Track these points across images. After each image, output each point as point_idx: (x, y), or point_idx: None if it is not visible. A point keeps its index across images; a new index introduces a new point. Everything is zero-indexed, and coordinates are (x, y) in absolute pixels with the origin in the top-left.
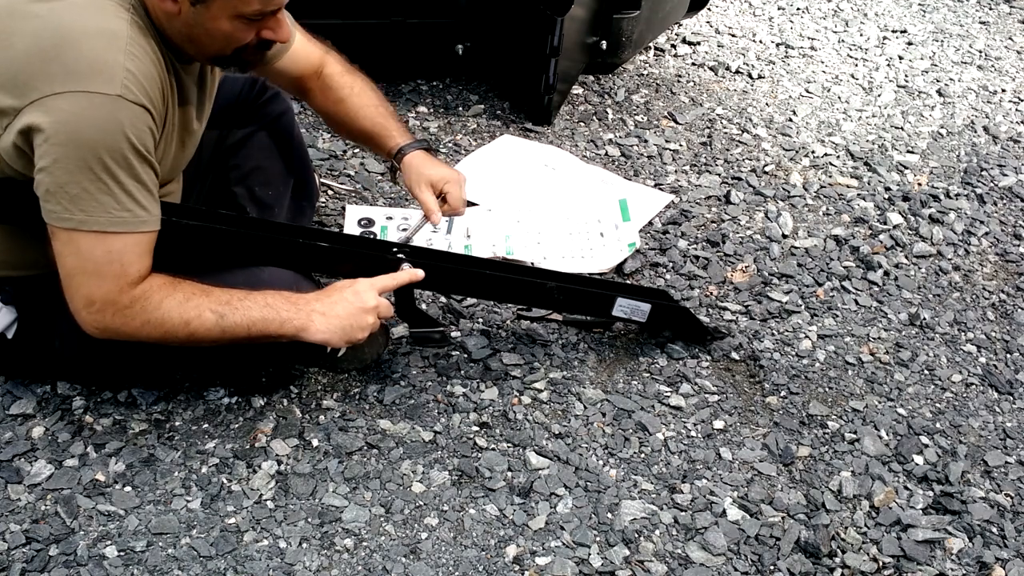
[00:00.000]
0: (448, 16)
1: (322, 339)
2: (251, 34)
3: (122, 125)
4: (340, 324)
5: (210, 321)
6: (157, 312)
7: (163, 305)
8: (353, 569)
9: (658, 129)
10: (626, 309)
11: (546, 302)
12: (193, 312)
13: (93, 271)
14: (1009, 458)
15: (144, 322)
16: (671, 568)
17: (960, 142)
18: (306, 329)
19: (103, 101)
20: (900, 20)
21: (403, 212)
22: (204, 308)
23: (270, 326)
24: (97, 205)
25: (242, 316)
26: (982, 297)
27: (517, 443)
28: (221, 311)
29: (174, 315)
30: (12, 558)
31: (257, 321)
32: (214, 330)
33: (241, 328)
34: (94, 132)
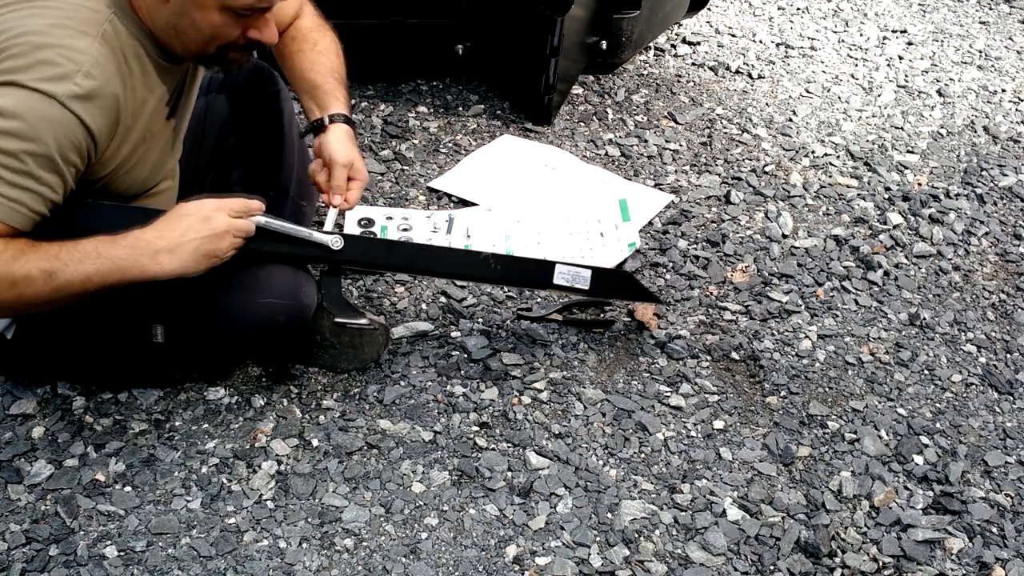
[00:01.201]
0: (448, 16)
1: (175, 275)
2: (238, 31)
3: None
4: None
5: (38, 281)
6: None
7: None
8: (353, 569)
9: (658, 129)
10: (567, 276)
11: (483, 274)
12: (20, 272)
13: None
14: (1009, 458)
15: None
16: (671, 568)
17: (960, 142)
18: (150, 270)
19: (40, 98)
20: (900, 20)
21: (403, 212)
22: (32, 266)
23: (109, 277)
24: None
25: (74, 272)
26: (982, 297)
27: (517, 443)
28: (50, 269)
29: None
30: (12, 558)
31: (92, 275)
32: (44, 290)
33: (76, 285)
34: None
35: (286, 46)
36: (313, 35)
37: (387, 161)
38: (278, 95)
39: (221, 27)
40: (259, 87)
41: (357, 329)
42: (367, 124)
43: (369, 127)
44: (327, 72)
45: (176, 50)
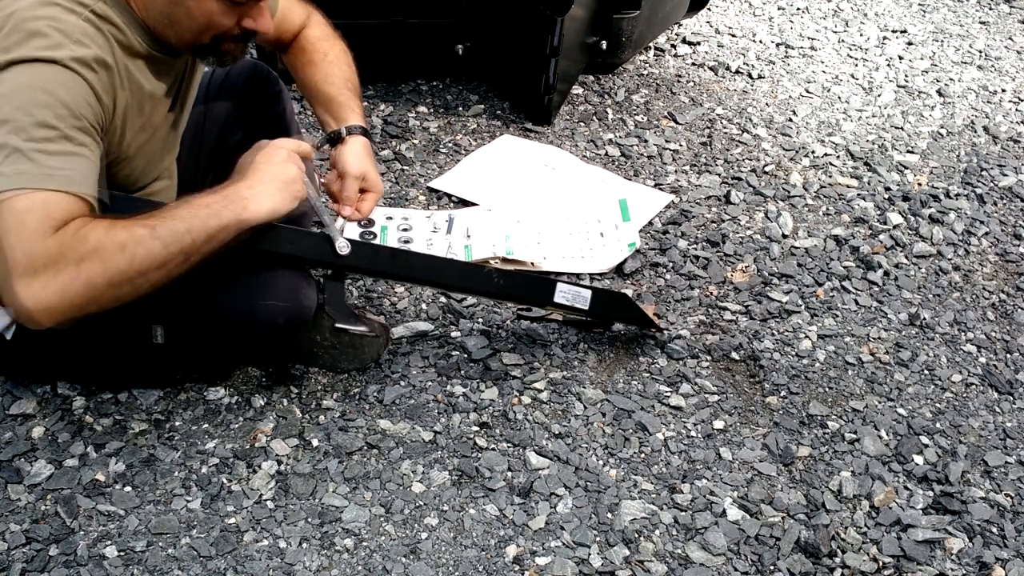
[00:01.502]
0: (448, 16)
1: (268, 213)
2: (232, 21)
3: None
4: (277, 188)
5: (145, 237)
6: (87, 245)
7: (90, 237)
8: (353, 569)
9: (658, 129)
10: (568, 295)
11: (487, 288)
12: (124, 233)
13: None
14: (1009, 458)
15: (78, 260)
16: (671, 568)
17: (960, 142)
18: (245, 210)
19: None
20: (900, 20)
21: (403, 212)
22: (133, 226)
23: (208, 222)
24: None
25: (175, 222)
26: (982, 297)
27: (517, 443)
28: (151, 223)
29: (105, 242)
30: (12, 558)
31: (192, 221)
32: (154, 246)
33: (180, 233)
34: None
35: (296, 57)
36: (323, 45)
37: (387, 161)
38: (278, 95)
39: (216, 16)
40: (259, 88)
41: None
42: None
43: (369, 127)
44: (341, 83)
45: (170, 40)
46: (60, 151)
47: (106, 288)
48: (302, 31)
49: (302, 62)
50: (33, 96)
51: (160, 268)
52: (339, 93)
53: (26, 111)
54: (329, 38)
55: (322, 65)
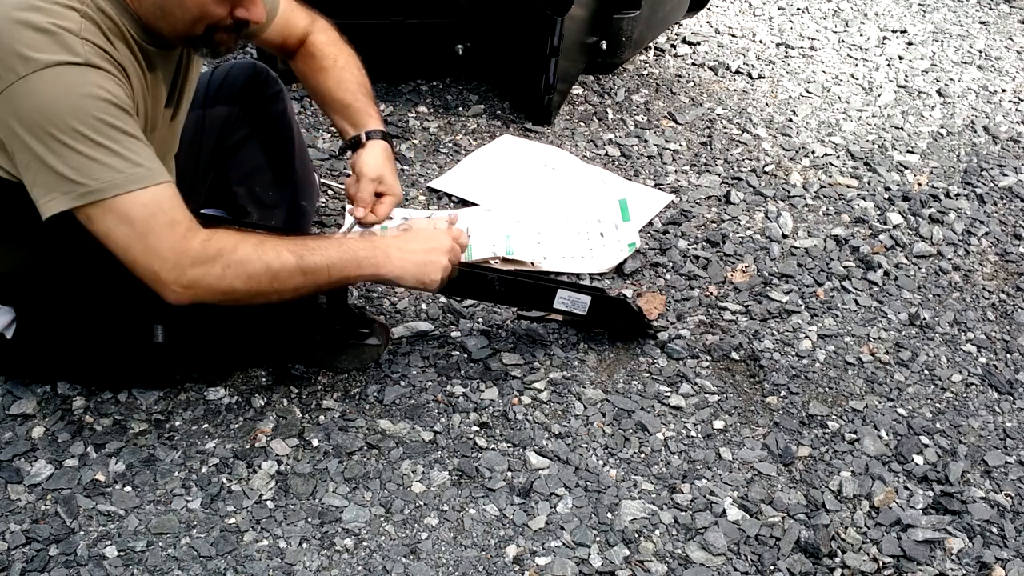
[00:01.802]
0: (448, 16)
1: (396, 276)
2: (225, 10)
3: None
4: (415, 261)
5: (291, 262)
6: (235, 255)
7: (239, 249)
8: (353, 569)
9: (658, 129)
10: (567, 301)
11: (488, 294)
12: (272, 253)
13: (145, 231)
14: (1009, 458)
15: (225, 267)
16: (671, 568)
17: (960, 142)
18: (384, 266)
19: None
20: (900, 20)
21: (403, 212)
22: (282, 249)
23: (348, 266)
24: (106, 168)
25: (321, 256)
26: (982, 297)
27: (517, 443)
28: (299, 252)
29: (253, 257)
30: (12, 558)
31: (336, 262)
32: (296, 273)
33: (322, 270)
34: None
35: (306, 64)
36: (331, 51)
37: None
38: (278, 95)
39: (208, 6)
40: (259, 88)
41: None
42: None
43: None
44: (355, 89)
45: (164, 32)
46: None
47: (244, 294)
48: (308, 36)
49: (312, 69)
50: (80, 101)
51: (295, 291)
52: (354, 99)
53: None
54: (336, 43)
55: (333, 71)
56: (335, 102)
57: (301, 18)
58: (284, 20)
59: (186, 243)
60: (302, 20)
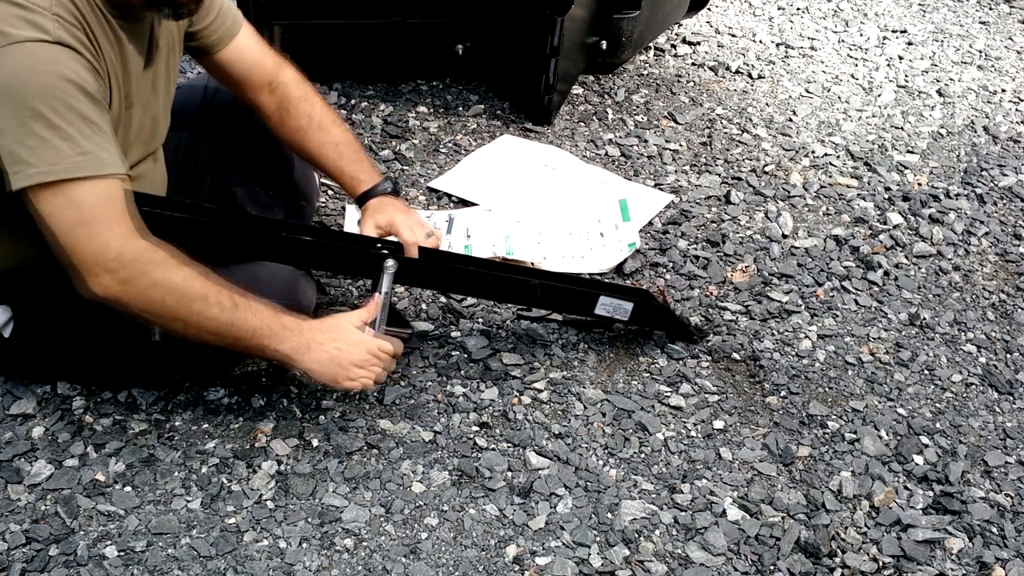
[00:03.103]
0: (448, 16)
1: (306, 369)
2: None
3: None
4: (334, 361)
5: (226, 305)
6: (177, 274)
7: (183, 270)
8: (353, 569)
9: (658, 129)
10: (609, 307)
11: (529, 299)
12: (212, 291)
13: (91, 218)
14: (1009, 458)
15: (157, 281)
16: (671, 568)
17: (960, 142)
18: (299, 354)
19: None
20: (900, 20)
21: None
22: (223, 293)
23: (269, 339)
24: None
25: (252, 316)
26: (982, 297)
27: (517, 443)
28: (236, 302)
29: (195, 284)
30: (12, 558)
31: (260, 327)
32: (223, 318)
33: (246, 330)
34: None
35: (283, 121)
36: (304, 107)
37: (387, 161)
38: None
39: None
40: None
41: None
42: (367, 124)
43: (369, 127)
44: (335, 154)
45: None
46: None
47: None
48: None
49: (291, 128)
50: (43, 80)
51: (211, 335)
52: (347, 165)
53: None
54: (307, 98)
55: (310, 132)
56: (323, 167)
57: (268, 57)
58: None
59: (133, 241)
60: (269, 60)
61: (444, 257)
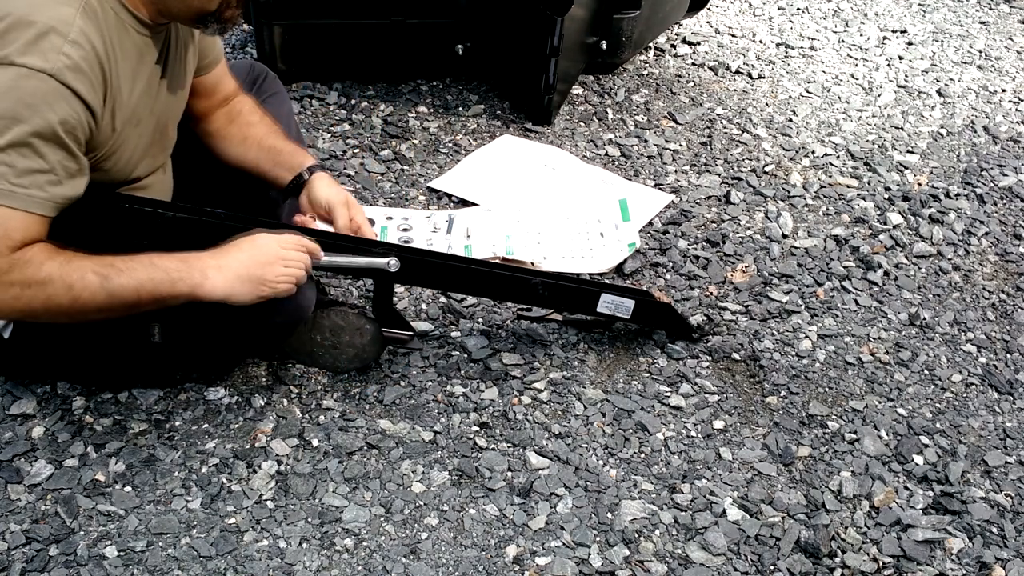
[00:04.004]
0: (448, 16)
1: (223, 295)
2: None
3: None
4: (241, 276)
5: (94, 284)
6: (39, 274)
7: (44, 267)
8: (353, 569)
9: (658, 129)
10: (611, 305)
11: (531, 298)
12: (76, 275)
13: None
14: (1009, 458)
15: (24, 285)
16: (671, 568)
17: (960, 142)
18: (201, 286)
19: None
20: (900, 20)
21: (403, 212)
22: (87, 270)
23: (160, 287)
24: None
25: (128, 278)
26: (982, 297)
27: (517, 443)
28: (104, 273)
29: (55, 277)
30: (12, 558)
31: (145, 282)
32: (99, 294)
33: (129, 290)
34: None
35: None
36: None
37: (387, 161)
38: (277, 94)
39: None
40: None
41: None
42: (367, 124)
43: (369, 127)
44: (283, 137)
45: (172, 10)
46: (31, 168)
47: (43, 313)
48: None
49: (239, 124)
50: (14, 107)
51: (100, 312)
52: (284, 145)
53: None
54: (258, 110)
55: (259, 126)
56: (264, 150)
57: (232, 81)
58: (222, 74)
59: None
60: (232, 84)
61: (444, 258)
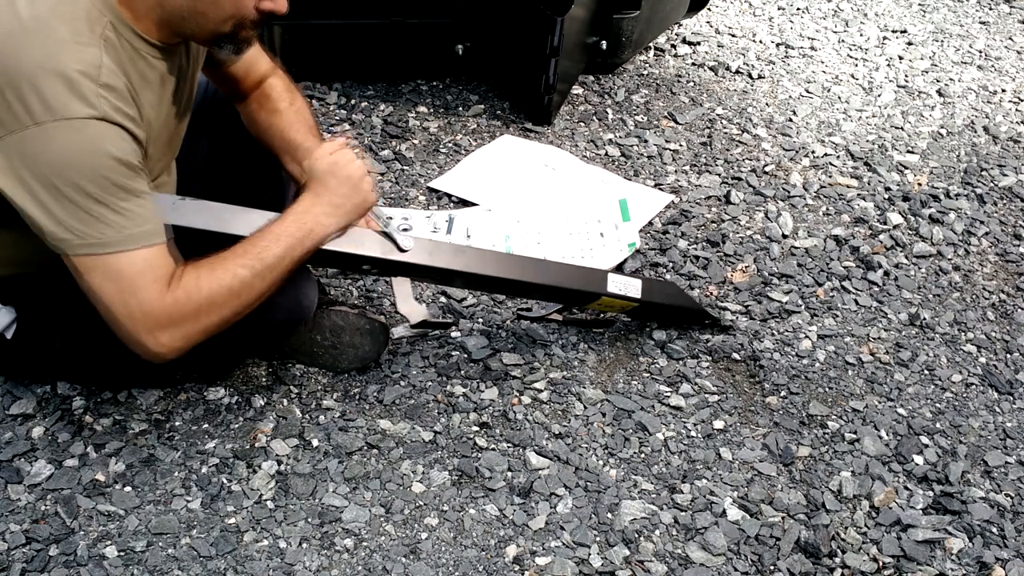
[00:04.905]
0: (448, 16)
1: (338, 228)
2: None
3: (105, 143)
4: (346, 207)
5: (247, 277)
6: (202, 295)
7: (202, 287)
8: (353, 569)
9: (658, 129)
10: (619, 284)
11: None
12: (228, 277)
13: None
14: (1009, 458)
15: (197, 310)
16: (671, 568)
17: (960, 142)
18: (324, 233)
19: (80, 125)
20: (900, 20)
21: (403, 212)
22: (234, 268)
23: (294, 251)
24: (105, 226)
25: (270, 256)
26: (982, 297)
27: (517, 443)
28: (249, 263)
29: (216, 289)
30: (12, 558)
31: (283, 256)
32: (256, 283)
33: (276, 268)
34: (79, 158)
35: (261, 104)
36: (288, 95)
37: (387, 161)
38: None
39: (242, 1)
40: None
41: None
42: (367, 124)
43: (369, 127)
44: (306, 129)
45: (187, 32)
46: (135, 207)
47: (221, 326)
48: (266, 79)
49: (267, 109)
50: (90, 159)
51: (260, 298)
52: (304, 139)
53: (89, 174)
54: (292, 90)
55: (287, 113)
56: (285, 142)
57: (265, 61)
58: (252, 58)
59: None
60: (265, 63)
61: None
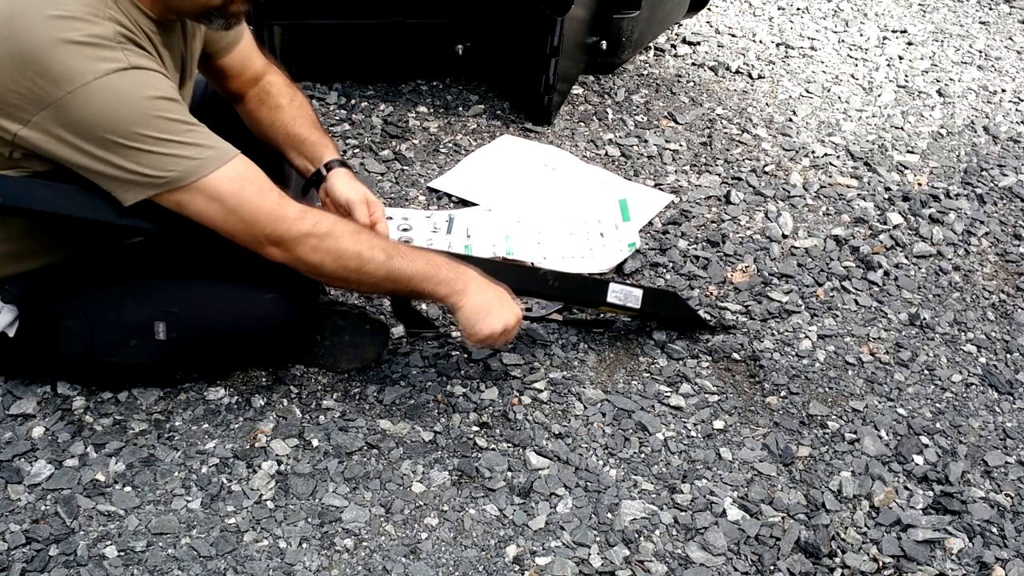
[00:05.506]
0: (448, 16)
1: (468, 314)
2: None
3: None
4: (485, 303)
5: (379, 258)
6: (331, 234)
7: (335, 230)
8: (353, 569)
9: (658, 129)
10: (620, 295)
11: (540, 289)
12: (365, 245)
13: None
14: (1009, 458)
15: (320, 240)
16: (671, 568)
17: (960, 142)
18: (462, 295)
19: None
20: (900, 20)
21: (403, 212)
22: (375, 245)
23: (427, 283)
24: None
25: (408, 263)
26: (982, 297)
27: (517, 443)
28: (389, 252)
29: (347, 242)
30: (12, 558)
31: (417, 273)
32: (380, 269)
33: (403, 275)
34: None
35: (261, 102)
36: (287, 91)
37: (387, 161)
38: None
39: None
40: None
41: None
42: (367, 124)
43: (369, 127)
44: (310, 124)
45: (178, 7)
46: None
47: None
48: (264, 77)
49: (269, 105)
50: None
51: (372, 287)
52: (309, 134)
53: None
54: (290, 86)
55: (288, 109)
56: (289, 137)
57: (259, 57)
58: (246, 53)
59: (281, 209)
60: (260, 60)
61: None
